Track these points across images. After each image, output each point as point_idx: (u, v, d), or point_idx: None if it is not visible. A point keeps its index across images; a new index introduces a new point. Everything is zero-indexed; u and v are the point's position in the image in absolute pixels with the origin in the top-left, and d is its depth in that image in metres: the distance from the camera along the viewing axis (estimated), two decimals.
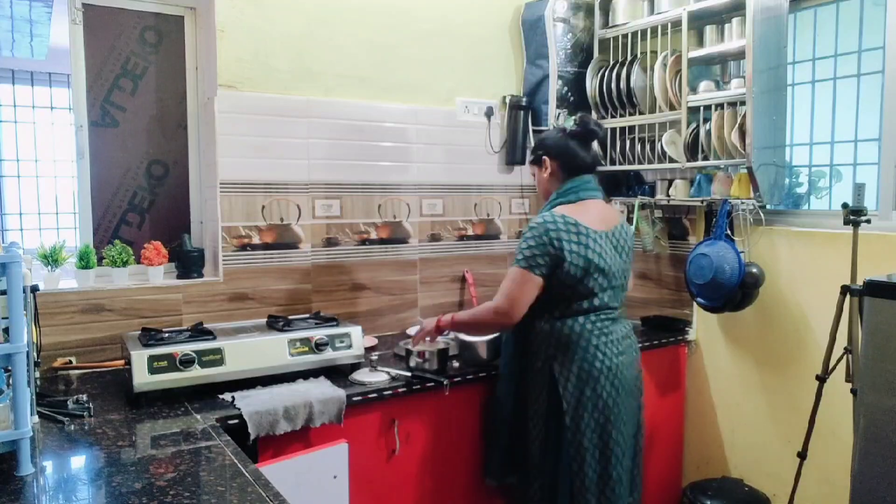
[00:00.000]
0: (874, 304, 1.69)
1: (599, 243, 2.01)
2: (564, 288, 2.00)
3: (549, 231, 1.97)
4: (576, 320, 2.02)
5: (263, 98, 2.51)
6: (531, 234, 1.99)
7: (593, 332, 2.02)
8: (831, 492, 2.44)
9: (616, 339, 2.06)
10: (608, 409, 2.01)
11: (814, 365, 2.36)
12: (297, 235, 2.62)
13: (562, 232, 1.96)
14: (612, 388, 2.02)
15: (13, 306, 1.38)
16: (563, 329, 2.03)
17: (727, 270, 2.46)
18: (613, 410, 2.02)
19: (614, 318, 2.10)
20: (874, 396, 1.69)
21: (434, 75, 2.91)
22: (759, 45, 2.35)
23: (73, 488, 1.39)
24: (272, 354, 2.08)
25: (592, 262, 1.98)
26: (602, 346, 2.02)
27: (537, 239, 1.97)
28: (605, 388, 2.01)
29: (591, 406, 2.00)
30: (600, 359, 2.01)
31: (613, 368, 2.02)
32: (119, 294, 2.29)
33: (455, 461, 2.30)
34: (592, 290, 2.01)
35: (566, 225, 1.98)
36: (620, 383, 2.04)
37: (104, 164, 2.45)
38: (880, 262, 2.23)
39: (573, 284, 1.99)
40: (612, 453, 2.02)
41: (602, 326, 2.04)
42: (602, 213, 2.09)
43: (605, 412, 2.01)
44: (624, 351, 2.07)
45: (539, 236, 1.97)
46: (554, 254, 1.96)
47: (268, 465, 1.77)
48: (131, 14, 2.46)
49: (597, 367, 2.01)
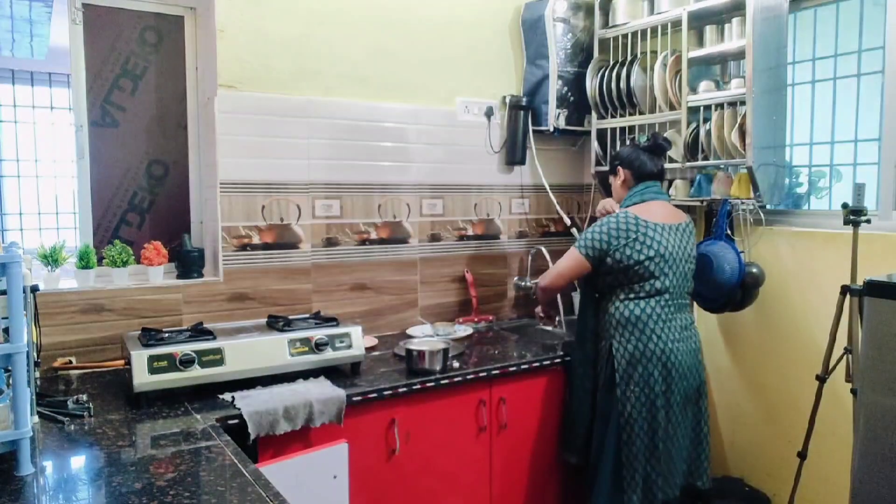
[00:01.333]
0: (874, 304, 1.69)
1: (661, 233, 2.28)
2: (625, 271, 2.27)
3: (609, 225, 2.29)
4: (637, 303, 2.28)
5: (263, 98, 2.51)
6: (597, 226, 2.32)
7: (651, 316, 2.26)
8: (831, 492, 2.44)
9: (675, 327, 2.28)
10: (659, 387, 2.24)
11: (814, 365, 2.36)
12: (297, 235, 2.62)
13: (620, 225, 2.28)
14: (663, 369, 2.24)
15: (13, 306, 1.38)
16: (625, 311, 2.29)
17: (727, 270, 2.46)
18: (662, 388, 2.24)
19: (678, 306, 2.31)
20: (874, 396, 1.69)
21: (434, 75, 2.91)
22: (759, 45, 2.35)
23: (73, 488, 1.39)
24: (272, 354, 2.08)
25: (652, 248, 2.25)
26: (658, 330, 2.25)
27: (598, 230, 2.30)
28: (658, 367, 2.24)
29: (641, 383, 2.24)
30: (654, 341, 2.25)
31: (667, 352, 2.25)
32: (119, 294, 2.29)
33: (455, 461, 2.30)
34: (653, 273, 2.26)
35: (626, 220, 2.28)
36: (673, 366, 2.25)
37: (104, 164, 2.45)
38: (880, 262, 2.23)
39: (625, 268, 2.26)
40: (660, 428, 2.23)
41: (661, 312, 2.27)
42: (666, 211, 2.36)
43: (656, 390, 2.23)
44: (681, 339, 2.28)
45: (601, 227, 2.31)
46: (606, 243, 2.28)
47: (268, 465, 1.77)
48: (131, 14, 2.46)
49: (650, 348, 2.24)
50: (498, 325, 3.03)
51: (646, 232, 2.27)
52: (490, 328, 2.98)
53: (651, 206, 2.34)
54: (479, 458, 2.36)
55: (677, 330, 2.28)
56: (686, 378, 2.29)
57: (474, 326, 2.93)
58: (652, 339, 2.25)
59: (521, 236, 3.22)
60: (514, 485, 2.46)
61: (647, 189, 2.38)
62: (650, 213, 2.32)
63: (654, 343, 2.24)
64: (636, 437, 2.23)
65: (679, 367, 2.26)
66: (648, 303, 2.27)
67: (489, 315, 3.06)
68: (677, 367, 2.26)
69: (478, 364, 2.36)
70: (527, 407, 2.46)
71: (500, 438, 2.40)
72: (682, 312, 2.33)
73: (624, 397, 2.25)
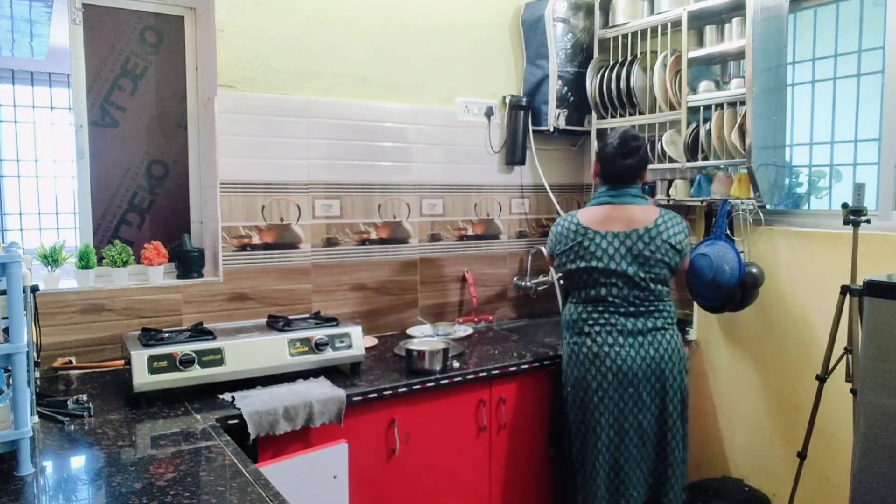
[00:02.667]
0: (874, 304, 1.69)
1: (601, 242, 2.26)
2: (564, 277, 2.36)
3: (554, 230, 2.40)
4: (577, 307, 2.32)
5: (263, 98, 2.51)
6: (552, 227, 2.43)
7: (587, 320, 2.28)
8: (831, 492, 2.44)
9: (619, 331, 2.24)
10: (591, 390, 2.24)
11: (814, 365, 2.36)
12: (297, 235, 2.62)
13: (560, 232, 2.35)
14: (596, 372, 2.23)
15: (13, 306, 1.38)
16: (566, 314, 2.37)
17: (727, 270, 2.46)
18: (598, 393, 2.23)
19: (626, 313, 2.26)
20: (874, 396, 1.69)
21: (434, 75, 2.91)
22: (759, 45, 2.35)
23: (73, 488, 1.39)
24: (272, 354, 2.08)
25: (584, 259, 2.27)
26: (593, 334, 2.26)
27: (550, 233, 2.43)
28: (590, 370, 2.24)
29: (576, 385, 2.28)
30: (588, 344, 2.26)
31: (601, 355, 2.23)
32: (119, 294, 2.29)
33: (454, 461, 2.30)
34: (586, 282, 2.29)
35: (567, 228, 2.33)
36: (609, 370, 2.22)
37: (104, 164, 2.45)
38: (880, 262, 2.23)
39: (566, 275, 2.34)
40: (595, 435, 2.24)
41: (599, 317, 2.26)
42: (620, 216, 2.28)
43: (589, 393, 2.24)
44: (629, 344, 2.23)
45: (553, 229, 2.42)
46: (552, 247, 2.40)
47: (268, 465, 1.77)
48: (131, 14, 2.46)
49: (583, 351, 2.26)
50: (498, 325, 3.03)
51: (581, 241, 2.27)
52: (490, 328, 2.98)
53: (605, 210, 2.29)
54: (479, 458, 2.36)
55: (623, 335, 2.22)
56: (633, 385, 2.21)
57: (474, 326, 2.93)
58: (585, 342, 2.26)
59: (521, 236, 3.22)
60: (513, 485, 2.46)
61: (605, 193, 2.32)
62: (595, 218, 2.28)
63: (587, 347, 2.25)
64: (575, 439, 2.29)
65: (619, 372, 2.20)
66: (586, 307, 2.29)
67: (489, 315, 3.06)
68: (615, 371, 2.20)
69: (478, 364, 2.36)
70: (527, 407, 2.46)
71: (500, 438, 2.40)
72: (637, 318, 2.23)
73: (566, 395, 2.33)
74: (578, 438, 2.28)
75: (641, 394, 2.22)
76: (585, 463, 2.27)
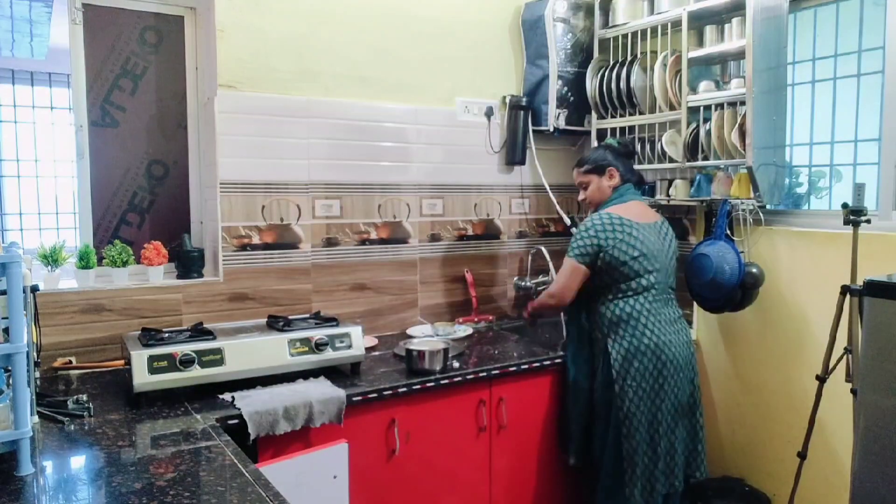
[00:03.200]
0: (874, 304, 1.69)
1: (643, 232, 2.36)
2: (614, 271, 2.33)
3: (595, 227, 2.35)
4: (627, 301, 2.34)
5: (263, 98, 2.51)
6: (582, 230, 2.37)
7: (642, 312, 2.33)
8: (831, 492, 2.44)
9: (665, 320, 2.35)
10: (654, 380, 2.30)
11: (814, 365, 2.36)
12: (297, 235, 2.62)
13: (606, 226, 2.34)
14: (658, 363, 2.30)
15: (13, 306, 1.38)
16: (616, 310, 2.35)
17: (727, 270, 2.46)
18: (659, 381, 2.30)
19: (665, 300, 2.39)
20: (874, 396, 1.69)
21: (434, 75, 2.91)
22: (759, 45, 2.35)
23: (73, 488, 1.39)
24: (272, 354, 2.08)
25: (636, 247, 2.32)
26: (651, 325, 2.32)
27: (585, 234, 2.36)
28: (652, 361, 2.30)
29: (638, 377, 2.29)
30: (648, 336, 2.31)
31: (661, 346, 2.31)
32: (119, 294, 2.29)
33: (454, 460, 2.30)
34: (638, 272, 2.32)
35: (611, 221, 2.34)
36: (668, 359, 2.31)
37: (104, 164, 2.45)
38: (880, 262, 2.23)
39: (616, 267, 2.32)
40: (658, 423, 2.30)
41: (651, 308, 2.34)
42: (644, 211, 2.46)
43: (652, 383, 2.30)
44: (672, 332, 2.36)
45: (587, 230, 2.36)
46: (597, 244, 2.33)
47: (268, 465, 1.77)
48: (131, 14, 2.46)
49: (644, 343, 2.30)
50: (498, 325, 3.03)
51: (630, 231, 2.34)
52: (490, 328, 2.98)
53: (631, 206, 2.43)
54: (479, 458, 2.36)
55: (667, 324, 2.35)
56: (680, 370, 2.35)
57: (474, 326, 2.93)
58: (645, 335, 2.31)
59: (521, 236, 3.22)
60: (513, 485, 2.46)
61: (628, 190, 2.48)
62: (631, 212, 2.40)
63: (647, 338, 2.31)
64: (635, 431, 2.28)
65: (673, 359, 2.32)
66: (637, 300, 2.34)
67: (489, 315, 3.06)
68: (671, 359, 2.32)
69: (478, 364, 2.36)
70: (526, 407, 2.46)
71: (500, 438, 2.40)
72: (669, 307, 2.41)
73: (622, 392, 2.30)
74: (640, 431, 2.28)
75: (683, 379, 2.37)
76: (646, 455, 2.29)
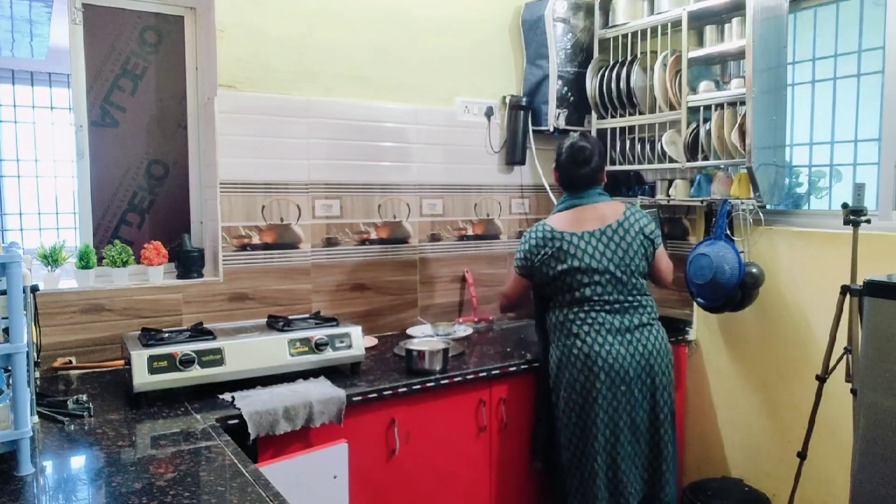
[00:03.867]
0: (874, 304, 1.69)
1: (579, 243, 2.26)
2: (547, 284, 2.32)
3: (528, 241, 2.34)
4: (562, 310, 2.30)
5: (263, 98, 2.51)
6: (522, 242, 2.37)
7: (575, 321, 2.26)
8: (831, 492, 2.44)
9: (611, 330, 2.24)
10: (585, 391, 2.22)
11: (814, 365, 2.36)
12: (297, 235, 2.62)
13: (539, 240, 2.30)
14: (589, 373, 2.21)
15: (13, 306, 1.38)
16: (552, 318, 2.34)
17: (727, 270, 2.46)
18: (592, 394, 2.21)
19: (616, 310, 2.26)
20: (874, 396, 1.69)
21: (434, 75, 2.91)
22: (759, 45, 2.35)
23: (73, 488, 1.39)
24: (272, 354, 2.08)
25: (565, 261, 2.25)
26: (583, 335, 2.24)
27: (521, 247, 2.37)
28: (583, 372, 2.22)
29: (568, 388, 2.25)
30: (578, 346, 2.24)
31: (592, 355, 2.22)
32: (119, 294, 2.29)
33: (454, 461, 2.30)
34: (571, 285, 2.27)
35: (541, 236, 2.30)
36: (601, 370, 2.21)
37: (104, 164, 2.45)
38: (880, 262, 2.23)
39: (549, 282, 2.30)
40: (593, 437, 2.21)
41: (586, 317, 2.25)
42: (591, 216, 2.31)
43: (585, 395, 2.22)
44: (619, 342, 2.23)
45: (523, 243, 2.36)
46: (529, 259, 2.33)
47: (268, 465, 1.77)
48: (131, 14, 2.46)
49: (574, 352, 2.24)
50: (498, 325, 3.03)
51: (560, 245, 2.26)
52: (490, 328, 2.97)
53: (574, 213, 2.32)
54: (479, 458, 2.36)
55: (612, 333, 2.22)
56: (625, 382, 2.21)
57: (474, 326, 2.93)
58: (575, 345, 2.24)
59: (520, 236, 3.21)
60: (514, 485, 2.46)
61: (570, 197, 2.36)
62: (568, 221, 2.30)
63: (577, 348, 2.23)
64: (568, 442, 2.26)
65: (610, 370, 2.20)
66: (572, 309, 2.27)
67: (489, 315, 3.06)
68: (607, 370, 2.20)
69: (478, 364, 2.36)
70: (527, 407, 2.46)
71: (501, 438, 2.40)
72: (623, 315, 2.25)
73: (558, 400, 2.29)
74: (573, 442, 2.25)
75: (633, 391, 2.23)
76: (582, 466, 2.23)
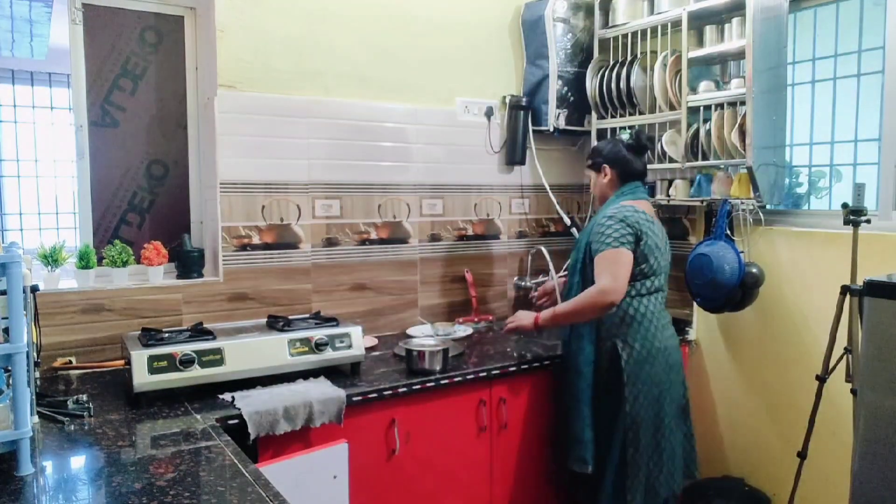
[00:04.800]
0: (874, 304, 1.69)
1: (657, 233, 2.30)
2: (642, 264, 2.23)
3: (627, 216, 2.22)
4: (640, 301, 2.27)
5: (263, 98, 2.51)
6: (612, 221, 2.22)
7: (655, 313, 2.28)
8: (831, 492, 2.44)
9: (668, 323, 2.34)
10: (662, 384, 2.26)
11: (814, 365, 2.36)
12: (297, 235, 2.62)
13: (638, 215, 2.24)
14: (666, 366, 2.27)
15: (13, 306, 1.38)
16: (629, 310, 2.27)
17: (727, 270, 2.46)
18: (665, 386, 2.27)
19: (667, 303, 2.38)
20: (874, 396, 1.69)
21: (434, 75, 2.91)
22: (759, 45, 2.36)
23: (73, 488, 1.39)
24: (272, 354, 2.08)
25: (656, 242, 2.26)
26: (661, 328, 2.29)
27: (619, 222, 2.21)
28: (662, 365, 2.26)
29: (649, 382, 2.25)
30: (659, 339, 2.27)
31: (668, 349, 2.29)
32: (119, 294, 2.29)
33: (455, 461, 2.30)
34: (656, 270, 2.27)
35: (638, 212, 2.26)
36: (673, 363, 2.30)
37: (104, 164, 2.45)
38: (880, 262, 2.23)
39: (648, 259, 2.23)
40: (664, 425, 2.26)
41: (658, 310, 2.31)
42: (651, 209, 2.38)
43: (661, 387, 2.26)
44: (673, 335, 2.35)
45: (620, 219, 2.22)
46: (637, 230, 2.21)
47: (268, 465, 1.77)
48: (131, 14, 2.46)
49: (656, 346, 2.26)
50: (498, 325, 3.03)
51: (651, 227, 2.26)
52: (490, 328, 2.97)
53: (643, 203, 2.34)
54: (480, 459, 2.36)
55: (669, 327, 2.35)
56: (679, 373, 2.35)
57: (474, 326, 2.93)
58: (657, 338, 2.27)
59: (521, 236, 3.22)
60: (514, 485, 2.46)
61: (637, 188, 2.36)
62: (646, 208, 2.32)
63: (658, 341, 2.27)
64: (642, 436, 2.22)
65: (675, 363, 2.32)
66: (650, 300, 2.28)
67: (489, 315, 3.06)
68: (673, 363, 2.31)
69: (478, 364, 2.36)
70: (527, 407, 2.46)
71: (501, 438, 2.40)
72: (666, 309, 2.40)
73: (632, 397, 2.22)
74: (643, 437, 2.22)
75: (680, 383, 2.36)
76: (643, 461, 2.22)
